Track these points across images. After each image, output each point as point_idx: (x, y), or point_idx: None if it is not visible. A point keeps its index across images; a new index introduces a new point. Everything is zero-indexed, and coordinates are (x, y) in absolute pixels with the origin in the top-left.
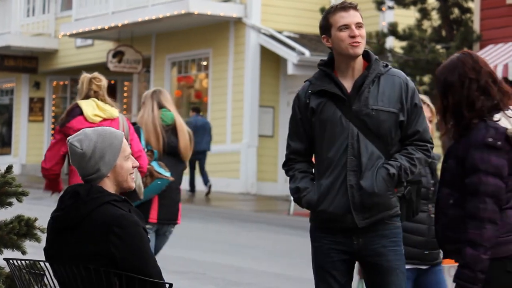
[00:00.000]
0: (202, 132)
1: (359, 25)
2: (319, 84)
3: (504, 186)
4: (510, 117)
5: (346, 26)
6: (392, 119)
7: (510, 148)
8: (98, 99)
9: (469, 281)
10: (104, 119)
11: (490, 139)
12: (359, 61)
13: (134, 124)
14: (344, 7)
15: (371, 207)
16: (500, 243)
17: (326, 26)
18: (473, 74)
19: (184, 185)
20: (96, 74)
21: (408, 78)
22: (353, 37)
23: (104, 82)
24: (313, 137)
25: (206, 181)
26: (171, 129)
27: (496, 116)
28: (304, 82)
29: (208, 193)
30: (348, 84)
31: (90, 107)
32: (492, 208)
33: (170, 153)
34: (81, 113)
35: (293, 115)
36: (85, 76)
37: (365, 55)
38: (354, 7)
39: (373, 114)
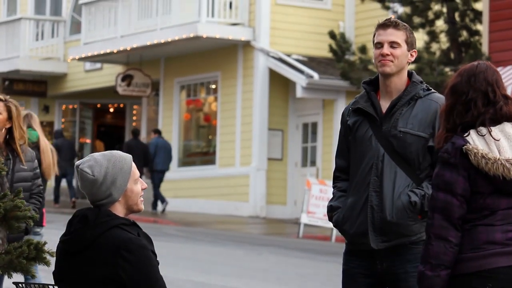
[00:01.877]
0: (163, 153)
1: (393, 44)
2: (358, 102)
3: (456, 202)
4: (483, 135)
5: (380, 44)
6: (420, 144)
7: (470, 165)
8: None
9: None
10: None
11: (445, 154)
12: (400, 81)
13: None
14: (383, 25)
15: (388, 232)
16: (465, 259)
17: (373, 43)
18: (465, 87)
19: (146, 206)
20: None
21: None
22: (382, 55)
23: None
24: None
25: (162, 200)
26: (36, 147)
27: (470, 133)
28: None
29: (163, 210)
30: (386, 104)
31: None
32: (439, 224)
33: None
34: None
35: (339, 132)
36: None
37: (410, 76)
38: (395, 25)
39: (400, 136)
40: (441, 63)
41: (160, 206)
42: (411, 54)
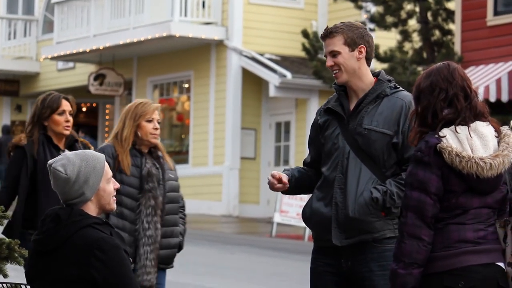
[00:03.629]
0: None
1: (333, 53)
2: (329, 103)
3: (430, 201)
4: (459, 133)
5: (326, 56)
6: (385, 141)
7: (444, 163)
8: None
9: None
10: None
11: (418, 153)
12: (362, 82)
13: None
14: (322, 36)
15: (351, 228)
16: (437, 258)
17: None
18: (444, 84)
19: None
20: None
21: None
22: (329, 67)
23: None
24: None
25: None
26: None
27: (443, 131)
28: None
29: None
30: (354, 104)
31: None
32: (413, 222)
33: None
34: None
35: (310, 132)
36: None
37: (378, 75)
38: (329, 34)
39: (365, 133)
40: (413, 62)
41: None
42: (359, 51)
